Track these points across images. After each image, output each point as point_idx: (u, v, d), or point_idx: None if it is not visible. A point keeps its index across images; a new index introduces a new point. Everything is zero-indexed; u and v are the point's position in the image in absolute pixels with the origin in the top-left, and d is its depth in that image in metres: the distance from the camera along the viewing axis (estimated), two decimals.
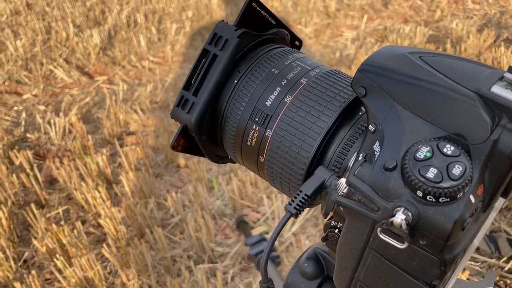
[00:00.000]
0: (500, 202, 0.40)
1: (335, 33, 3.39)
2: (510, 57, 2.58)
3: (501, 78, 0.36)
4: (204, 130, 0.47)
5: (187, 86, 0.47)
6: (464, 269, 1.38)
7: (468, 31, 2.99)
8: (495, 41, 2.92)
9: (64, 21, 3.49)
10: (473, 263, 1.46)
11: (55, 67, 2.98)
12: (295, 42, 0.56)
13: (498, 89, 0.34)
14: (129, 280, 1.51)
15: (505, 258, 1.44)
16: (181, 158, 2.05)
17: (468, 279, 1.34)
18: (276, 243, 1.58)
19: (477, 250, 1.52)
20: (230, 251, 1.60)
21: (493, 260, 1.46)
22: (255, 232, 1.63)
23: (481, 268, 1.46)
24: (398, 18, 3.51)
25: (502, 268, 1.44)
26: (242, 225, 1.63)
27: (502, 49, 2.64)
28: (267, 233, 1.65)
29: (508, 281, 1.42)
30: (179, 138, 0.48)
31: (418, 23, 3.33)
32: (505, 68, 2.47)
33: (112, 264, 1.59)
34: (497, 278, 1.43)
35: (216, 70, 0.46)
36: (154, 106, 2.55)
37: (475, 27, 3.09)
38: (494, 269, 0.50)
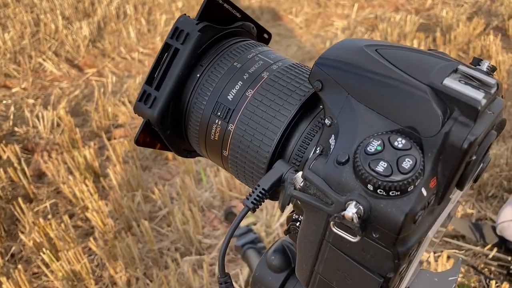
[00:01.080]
0: (457, 194, 0.40)
1: (326, 23, 3.37)
2: (499, 45, 2.58)
3: (455, 71, 0.36)
4: (168, 124, 0.47)
5: (149, 80, 0.46)
6: (448, 257, 1.39)
7: (458, 19, 2.98)
8: (484, 29, 2.91)
9: (53, 13, 3.46)
10: (457, 251, 1.48)
11: (44, 60, 2.96)
12: (263, 35, 0.55)
13: (450, 82, 0.34)
14: (116, 272, 1.51)
15: (489, 246, 1.45)
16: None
17: (457, 260, 1.35)
18: (263, 234, 1.58)
19: (463, 238, 1.53)
20: (218, 242, 1.61)
21: (478, 248, 1.47)
22: (243, 223, 1.64)
23: (466, 256, 1.47)
24: (389, 6, 3.49)
25: (487, 255, 1.45)
26: (231, 217, 1.64)
27: (491, 37, 2.64)
28: (254, 224, 1.66)
29: (493, 268, 1.43)
30: (143, 133, 0.48)
31: (409, 12, 3.32)
32: (493, 58, 2.46)
33: (99, 257, 1.59)
34: (482, 265, 1.44)
35: (178, 64, 0.45)
36: None
37: (465, 15, 3.09)
38: (460, 259, 0.50)
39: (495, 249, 1.43)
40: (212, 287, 1.46)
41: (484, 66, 0.39)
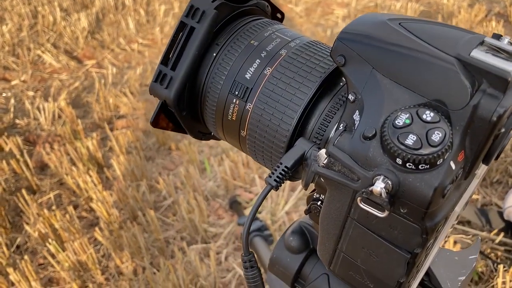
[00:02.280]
0: (482, 170, 0.40)
1: (326, 11, 3.35)
2: (501, 31, 2.57)
3: (482, 43, 0.35)
4: (184, 105, 0.47)
5: (165, 60, 0.45)
6: (455, 242, 1.39)
7: (459, 6, 2.96)
8: (486, 16, 2.90)
9: (51, 5, 3.44)
10: (464, 236, 1.48)
11: (43, 52, 2.94)
12: (276, 14, 0.54)
13: (478, 54, 0.34)
14: (122, 262, 1.51)
15: (495, 231, 1.45)
16: (173, 141, 2.04)
17: (476, 240, 1.35)
18: (269, 222, 1.58)
19: (468, 223, 1.53)
20: (223, 231, 1.60)
21: (484, 233, 1.47)
22: (248, 211, 1.64)
23: (472, 241, 1.47)
24: None
25: (493, 240, 1.45)
26: (235, 205, 1.64)
27: (493, 23, 2.63)
28: (260, 212, 1.65)
29: (499, 253, 1.43)
30: (158, 115, 0.47)
31: None
32: None
33: (105, 247, 1.59)
34: (488, 250, 1.45)
35: (194, 43, 0.44)
36: (144, 88, 2.52)
37: (467, 2, 3.07)
38: (479, 238, 0.50)
39: (502, 234, 1.43)
40: (219, 275, 1.46)
41: (505, 41, 0.38)
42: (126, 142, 2.00)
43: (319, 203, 0.42)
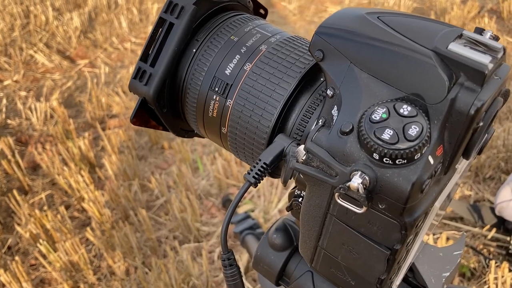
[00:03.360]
0: (463, 164, 0.39)
1: (320, 9, 3.35)
2: (494, 28, 2.57)
3: (460, 36, 0.35)
4: (165, 102, 0.46)
5: (144, 57, 0.45)
6: (447, 239, 1.39)
7: (452, 2, 2.97)
8: (479, 12, 2.90)
9: (43, 4, 3.42)
10: (456, 232, 1.48)
11: (35, 51, 2.92)
12: (259, 10, 0.54)
13: (455, 47, 0.33)
14: (114, 262, 1.51)
15: (488, 227, 1.45)
16: (165, 140, 2.03)
17: (461, 235, 1.35)
18: (262, 220, 1.58)
19: (461, 219, 1.53)
20: (216, 230, 1.60)
21: (476, 229, 1.47)
22: (241, 210, 1.63)
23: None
24: None
25: (485, 236, 1.45)
26: (228, 204, 1.63)
27: (486, 19, 2.63)
28: (252, 211, 1.65)
29: (492, 249, 1.43)
30: (139, 112, 0.47)
31: None
32: None
33: (97, 247, 1.58)
34: (481, 246, 1.45)
35: (173, 39, 0.44)
36: None
37: None
38: (464, 233, 0.50)
39: (494, 230, 1.43)
40: (212, 274, 1.46)
41: (487, 35, 0.38)
42: (118, 142, 1.99)
43: (300, 199, 0.42)
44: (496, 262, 1.33)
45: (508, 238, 1.38)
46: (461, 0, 3.04)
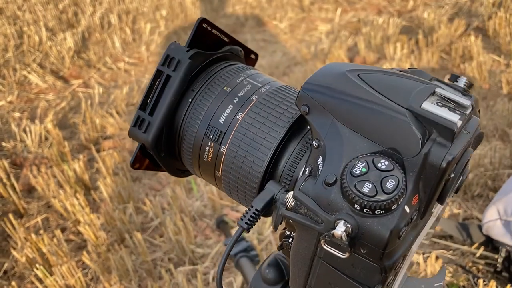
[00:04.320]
0: (438, 208, 0.43)
1: (310, 27, 3.41)
2: (480, 46, 2.64)
3: (433, 93, 0.38)
4: (162, 147, 0.49)
5: (143, 106, 0.48)
6: (437, 258, 1.42)
7: (439, 20, 3.04)
8: (465, 30, 2.97)
9: (36, 24, 3.45)
10: (445, 251, 1.51)
11: (29, 72, 2.95)
12: (250, 56, 0.57)
13: (428, 105, 0.37)
14: (110, 285, 1.52)
15: (476, 245, 1.48)
16: None
17: (441, 267, 1.38)
18: (255, 241, 1.60)
19: (451, 238, 1.56)
20: (211, 251, 1.62)
21: (465, 247, 1.51)
22: (235, 232, 1.66)
23: (454, 255, 1.50)
24: (371, 9, 3.55)
25: (474, 254, 1.49)
26: (222, 225, 1.65)
27: (472, 37, 2.69)
28: (247, 232, 1.67)
29: (480, 267, 1.47)
30: (138, 157, 0.50)
31: (392, 14, 3.37)
32: (474, 59, 2.51)
33: (93, 270, 1.60)
34: (470, 264, 1.48)
35: (170, 90, 0.47)
36: (131, 108, 2.54)
37: (446, 16, 3.15)
38: (444, 266, 0.53)
39: (482, 248, 1.47)
40: None
41: (462, 82, 0.42)
42: (113, 163, 2.01)
43: (290, 240, 0.45)
44: (484, 280, 1.36)
45: (496, 256, 1.41)
46: (448, 18, 3.12)
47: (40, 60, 3.09)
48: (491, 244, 1.45)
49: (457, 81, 0.42)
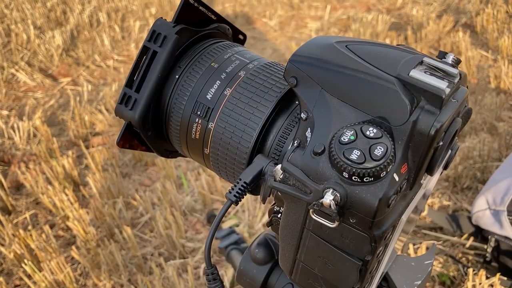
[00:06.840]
0: (428, 180, 0.42)
1: (300, 25, 3.41)
2: (468, 41, 2.65)
3: (421, 63, 0.38)
4: (149, 126, 0.48)
5: (129, 83, 0.47)
6: (427, 248, 1.42)
7: (428, 17, 3.05)
8: (454, 26, 2.99)
9: (24, 23, 3.42)
10: (435, 242, 1.51)
11: (17, 70, 2.92)
12: (238, 36, 0.57)
13: (416, 73, 0.36)
14: (100, 280, 1.51)
15: (466, 235, 1.49)
16: (149, 157, 2.04)
17: (432, 245, 1.39)
18: (246, 234, 1.60)
19: (440, 229, 1.57)
20: (201, 245, 1.61)
21: (455, 238, 1.51)
22: (226, 225, 1.65)
23: (444, 246, 1.51)
24: (361, 7, 3.56)
25: (464, 245, 1.49)
26: (213, 220, 1.65)
27: (460, 33, 2.71)
28: (237, 225, 1.67)
29: (470, 257, 1.47)
30: (124, 135, 0.49)
31: (381, 11, 3.38)
32: (463, 54, 2.53)
33: (82, 266, 1.58)
34: (460, 255, 1.49)
35: (157, 66, 0.47)
36: None
37: (435, 13, 3.17)
38: (435, 243, 0.53)
39: (472, 239, 1.48)
40: None
41: (449, 59, 0.42)
42: (102, 160, 2.00)
43: (279, 215, 0.44)
44: (474, 270, 1.37)
45: (485, 247, 1.42)
46: (437, 15, 3.13)
47: (28, 58, 3.06)
48: (480, 234, 1.46)
49: (445, 58, 0.42)
